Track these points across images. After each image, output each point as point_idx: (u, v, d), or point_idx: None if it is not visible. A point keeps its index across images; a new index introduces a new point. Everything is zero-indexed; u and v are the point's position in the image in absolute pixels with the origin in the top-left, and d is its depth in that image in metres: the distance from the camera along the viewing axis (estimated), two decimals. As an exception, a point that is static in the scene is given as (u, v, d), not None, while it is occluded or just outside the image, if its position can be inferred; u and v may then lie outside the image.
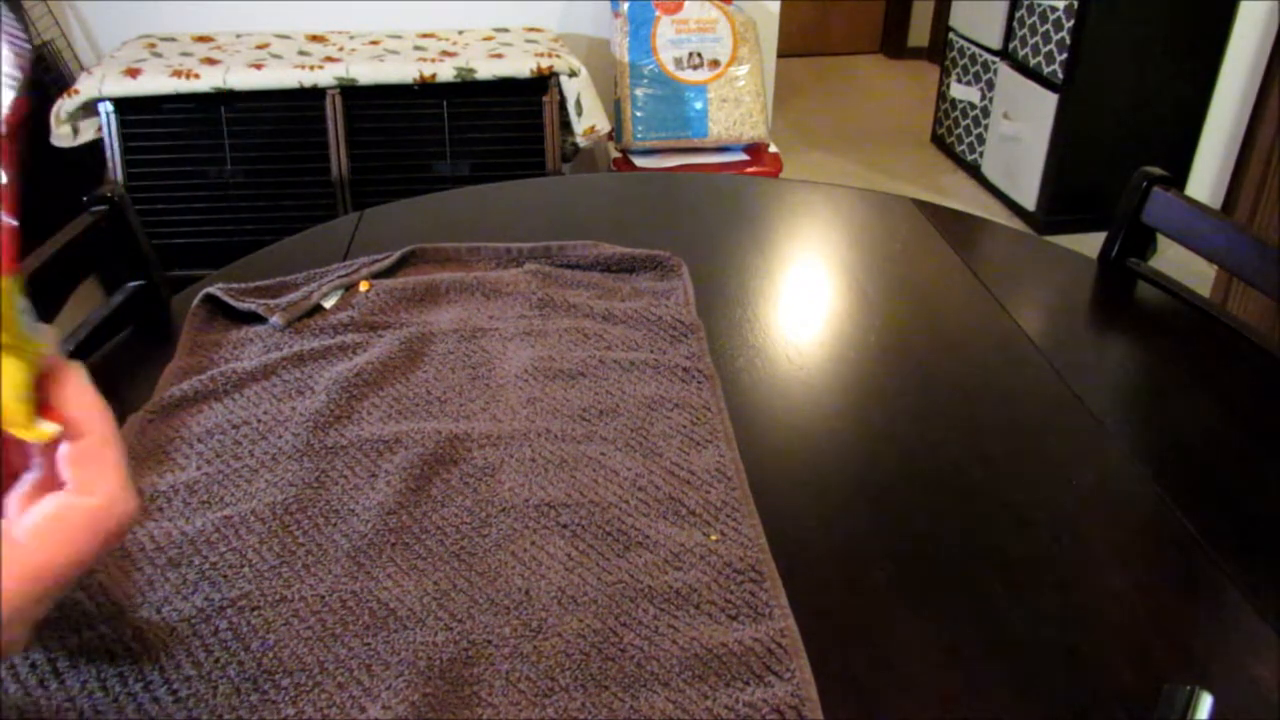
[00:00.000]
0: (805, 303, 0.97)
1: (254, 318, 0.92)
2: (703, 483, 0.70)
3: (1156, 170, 1.00)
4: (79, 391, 0.41)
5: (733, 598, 0.61)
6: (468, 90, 2.27)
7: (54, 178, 2.32)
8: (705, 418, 0.78)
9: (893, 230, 1.13)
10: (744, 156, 2.60)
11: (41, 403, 0.40)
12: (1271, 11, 2.40)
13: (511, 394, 0.80)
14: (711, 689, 0.55)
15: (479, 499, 0.69)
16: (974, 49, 3.26)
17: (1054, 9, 2.75)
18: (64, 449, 0.39)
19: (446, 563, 0.63)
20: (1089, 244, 1.15)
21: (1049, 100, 2.81)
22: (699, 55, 2.55)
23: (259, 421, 0.76)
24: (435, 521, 0.67)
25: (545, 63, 2.26)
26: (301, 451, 0.73)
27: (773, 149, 2.65)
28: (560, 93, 2.31)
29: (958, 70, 3.40)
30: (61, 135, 2.13)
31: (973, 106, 3.30)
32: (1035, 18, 2.87)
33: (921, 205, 1.20)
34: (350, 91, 2.21)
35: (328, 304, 0.93)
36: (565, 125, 2.39)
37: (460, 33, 2.60)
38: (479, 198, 1.22)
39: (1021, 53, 2.96)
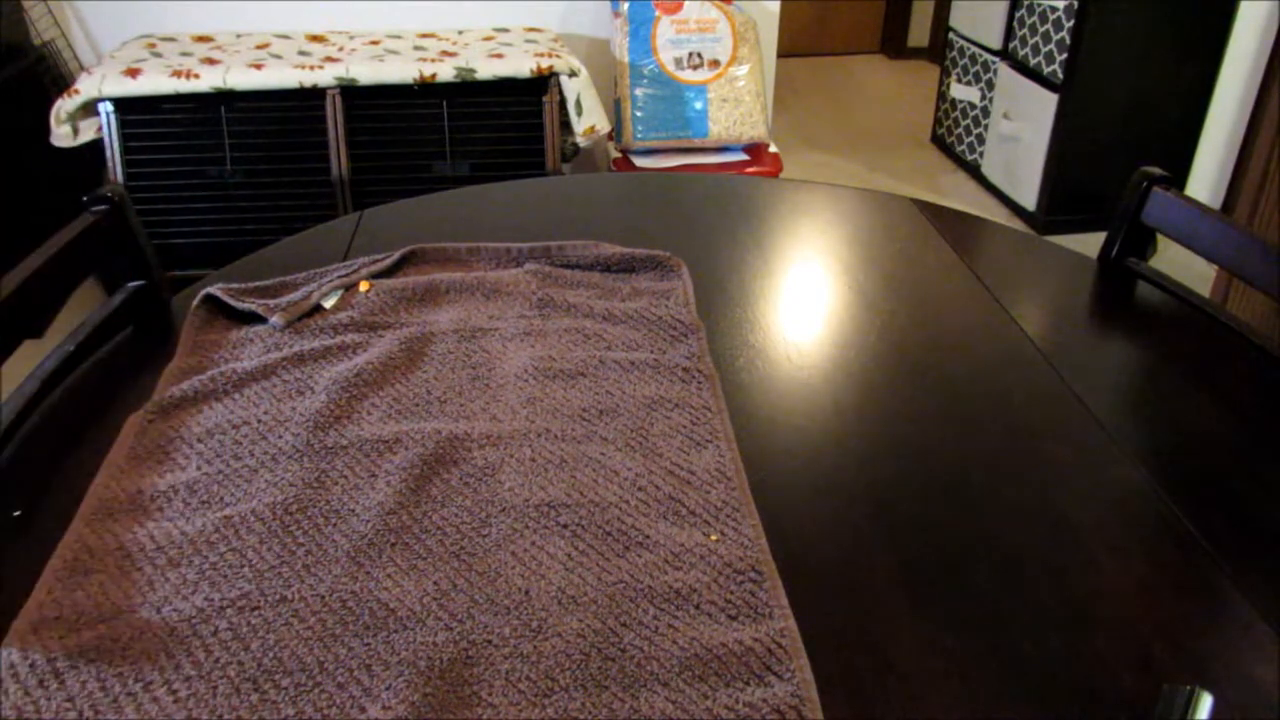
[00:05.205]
0: (805, 303, 0.97)
1: (254, 318, 0.92)
2: (703, 483, 0.70)
3: (1156, 170, 1.00)
4: None
5: (733, 598, 0.61)
6: (468, 90, 2.26)
7: (54, 178, 2.32)
8: (705, 418, 0.78)
9: (893, 230, 1.13)
10: (744, 156, 2.60)
11: None
12: (1271, 11, 2.40)
13: (511, 394, 0.80)
14: (711, 689, 0.55)
15: (479, 499, 0.69)
16: (974, 49, 3.26)
17: (1054, 9, 2.75)
18: None
19: (446, 563, 0.63)
20: (1089, 244, 1.15)
21: (1049, 100, 2.81)
22: (699, 55, 2.55)
23: (259, 421, 0.76)
24: (435, 521, 0.67)
25: (545, 63, 2.26)
26: (301, 451, 0.73)
27: (773, 149, 2.65)
28: (560, 93, 2.31)
29: (958, 70, 3.40)
30: (61, 135, 2.13)
31: (973, 106, 3.30)
32: (1035, 18, 2.87)
33: (921, 205, 1.20)
34: (350, 91, 2.21)
35: (328, 304, 0.93)
36: (565, 125, 2.39)
37: (460, 33, 2.59)
38: (479, 198, 1.22)
39: (1021, 53, 2.96)
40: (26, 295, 0.80)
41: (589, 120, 2.35)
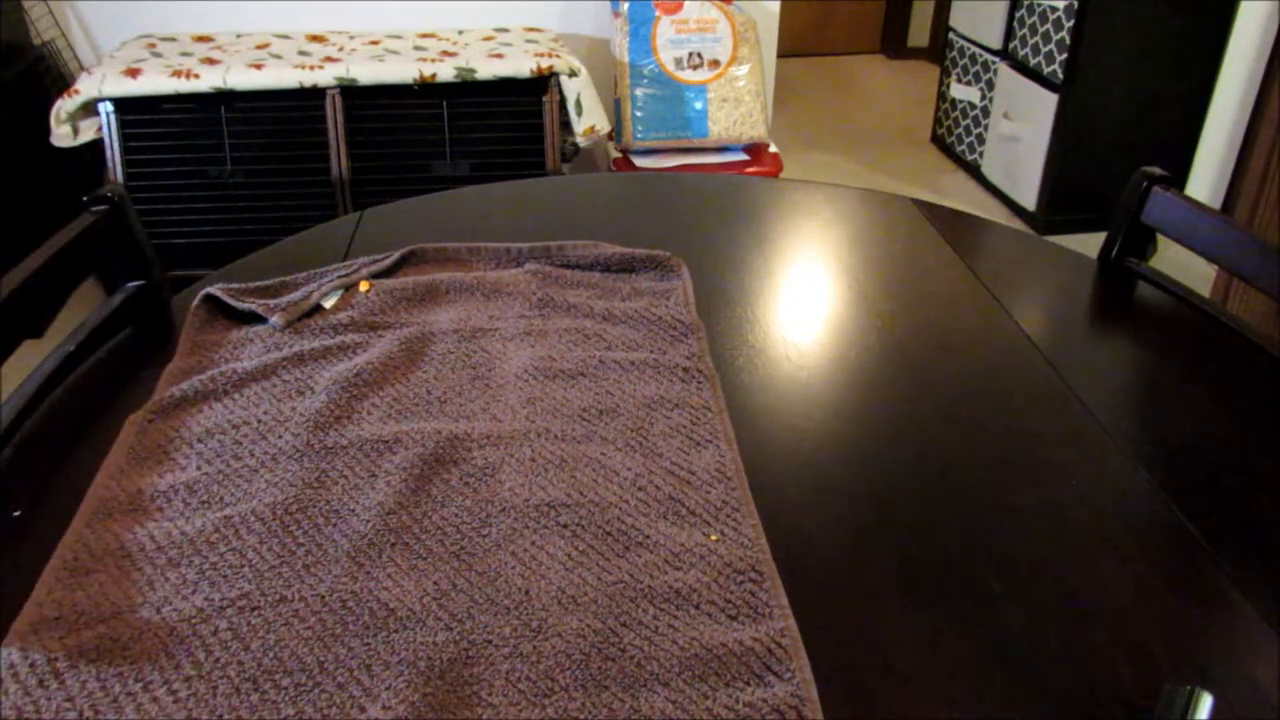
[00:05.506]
0: (805, 303, 0.97)
1: (254, 318, 0.92)
2: (703, 483, 0.70)
3: (1156, 170, 1.00)
4: None
5: (733, 598, 0.61)
6: (468, 90, 2.26)
7: (54, 178, 2.32)
8: (705, 418, 0.78)
9: (893, 230, 1.13)
10: (744, 156, 2.60)
11: None
12: (1271, 11, 2.40)
13: (511, 394, 0.80)
14: (711, 689, 0.55)
15: (479, 499, 0.69)
16: (974, 49, 3.25)
17: (1054, 9, 2.75)
18: None
19: (446, 563, 0.63)
20: (1089, 244, 1.15)
21: (1049, 100, 2.81)
22: (699, 55, 2.55)
23: (259, 421, 0.76)
24: (435, 521, 0.67)
25: (545, 63, 2.26)
26: (301, 451, 0.73)
27: (773, 149, 2.64)
28: (560, 93, 2.31)
29: (958, 70, 3.40)
30: (61, 135, 2.13)
31: (973, 106, 3.30)
32: (1035, 18, 2.86)
33: (921, 205, 1.20)
34: (350, 91, 2.21)
35: (328, 304, 0.93)
36: (565, 125, 2.39)
37: (460, 33, 2.59)
38: (479, 198, 1.22)
39: (1021, 53, 2.96)
40: (26, 295, 0.80)
41: (589, 120, 2.35)
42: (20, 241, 2.11)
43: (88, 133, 2.16)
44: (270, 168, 2.23)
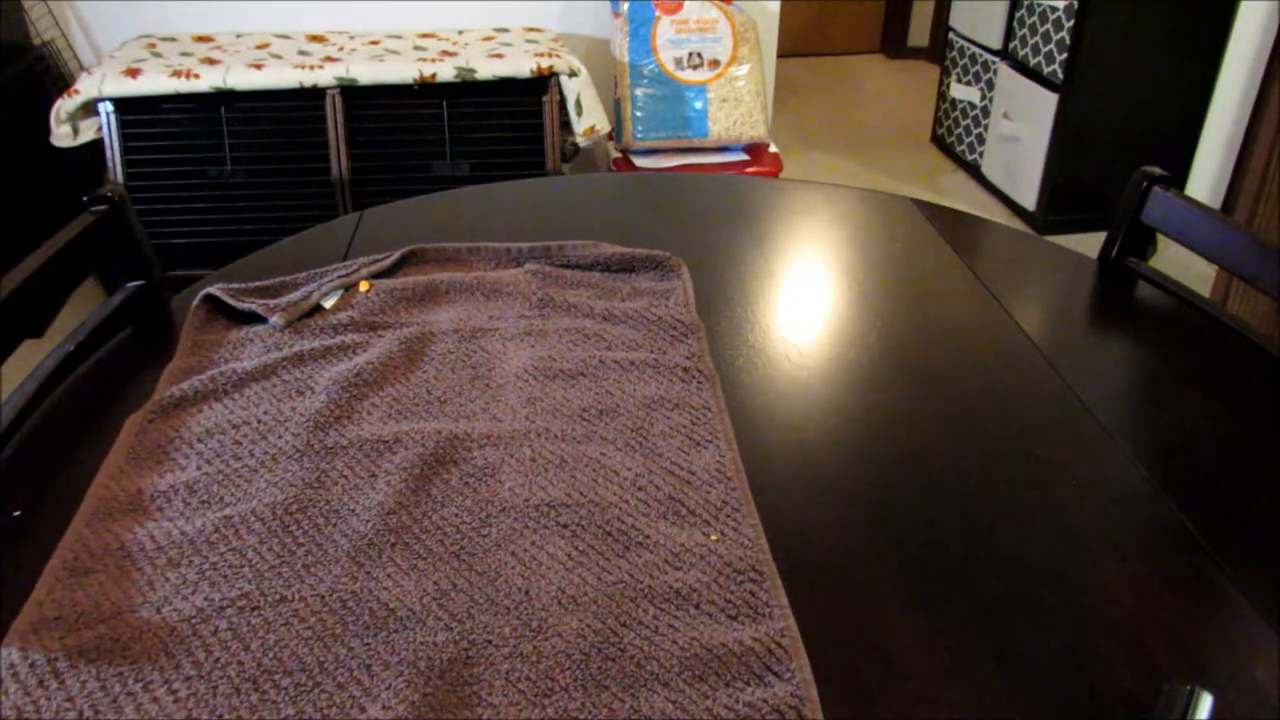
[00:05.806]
0: (805, 302, 0.97)
1: (254, 318, 0.92)
2: (703, 483, 0.70)
3: (1156, 170, 1.00)
4: None
5: (733, 598, 0.61)
6: (468, 90, 2.26)
7: (54, 178, 2.32)
8: (705, 418, 0.78)
9: (893, 230, 1.13)
10: (744, 156, 2.60)
11: None
12: (1271, 11, 2.40)
13: (511, 394, 0.80)
14: (711, 689, 0.55)
15: (479, 499, 0.69)
16: (974, 49, 3.25)
17: (1054, 9, 2.75)
18: None
19: (446, 563, 0.63)
20: (1089, 244, 1.15)
21: (1049, 100, 2.81)
22: (699, 55, 2.55)
23: (259, 421, 0.76)
24: (435, 521, 0.67)
25: (545, 63, 2.26)
26: (301, 451, 0.73)
27: (773, 149, 2.64)
28: (560, 93, 2.31)
29: (958, 70, 3.40)
30: (61, 135, 2.13)
31: (973, 106, 3.30)
32: (1035, 18, 2.86)
33: (921, 205, 1.20)
34: (350, 91, 2.21)
35: (328, 304, 0.93)
36: (565, 125, 2.39)
37: (460, 33, 2.59)
38: (479, 198, 1.22)
39: (1021, 53, 2.96)
40: (26, 295, 0.80)
41: (589, 120, 2.35)
42: (20, 241, 2.11)
43: (88, 133, 2.16)
44: (270, 168, 2.23)
